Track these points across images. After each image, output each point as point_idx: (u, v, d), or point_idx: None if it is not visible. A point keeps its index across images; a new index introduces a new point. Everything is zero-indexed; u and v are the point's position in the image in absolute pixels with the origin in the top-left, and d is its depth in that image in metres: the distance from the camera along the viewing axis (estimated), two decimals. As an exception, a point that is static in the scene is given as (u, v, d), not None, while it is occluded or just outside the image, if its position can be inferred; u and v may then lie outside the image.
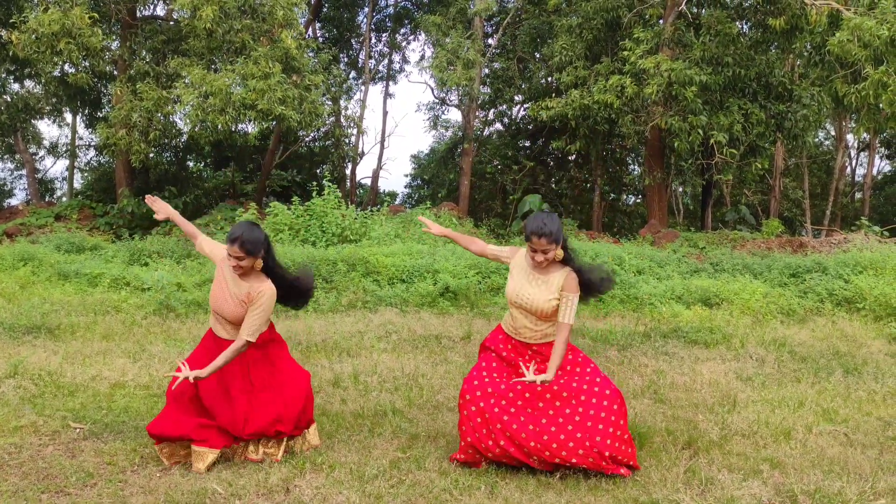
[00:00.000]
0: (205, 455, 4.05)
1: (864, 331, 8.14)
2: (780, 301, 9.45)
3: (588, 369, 4.09)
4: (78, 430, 4.69)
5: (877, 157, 32.22)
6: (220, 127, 14.76)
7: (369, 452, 4.31)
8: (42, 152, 31.73)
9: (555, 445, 3.91)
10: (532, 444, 3.94)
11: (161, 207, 4.54)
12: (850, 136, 30.29)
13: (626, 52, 15.76)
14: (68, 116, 28.28)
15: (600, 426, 3.92)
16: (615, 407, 4.00)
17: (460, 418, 4.12)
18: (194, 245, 4.51)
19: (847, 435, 4.74)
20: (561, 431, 3.94)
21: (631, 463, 4.01)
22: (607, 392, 4.02)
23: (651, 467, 4.10)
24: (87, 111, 22.22)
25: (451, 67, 18.37)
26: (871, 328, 8.37)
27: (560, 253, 3.99)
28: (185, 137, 18.35)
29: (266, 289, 4.19)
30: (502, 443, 3.98)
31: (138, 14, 17.96)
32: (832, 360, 6.79)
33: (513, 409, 4.03)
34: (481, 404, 4.03)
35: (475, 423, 4.02)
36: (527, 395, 4.04)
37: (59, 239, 14.21)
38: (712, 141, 14.88)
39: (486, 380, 4.10)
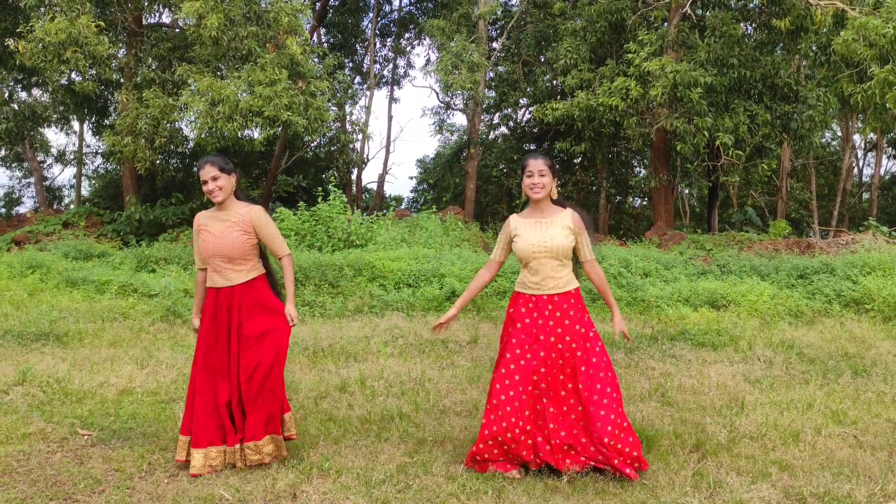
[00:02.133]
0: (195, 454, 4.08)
1: (873, 332, 8.09)
2: (787, 303, 9.41)
3: (597, 348, 4.12)
4: (86, 437, 4.70)
5: (884, 157, 32.10)
6: (227, 134, 14.83)
7: (376, 457, 4.31)
8: (50, 160, 31.95)
9: (571, 440, 4.01)
10: (552, 429, 4.03)
11: None
12: (856, 137, 30.21)
13: (630, 55, 15.75)
14: (76, 124, 28.46)
15: (602, 412, 3.97)
16: (615, 395, 4.05)
17: (487, 408, 4.09)
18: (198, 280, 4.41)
19: (856, 437, 4.71)
20: (573, 427, 4.02)
21: (636, 454, 4.00)
22: (610, 375, 4.07)
23: (659, 471, 4.08)
24: (93, 119, 22.33)
25: (456, 71, 18.39)
26: (880, 329, 8.32)
27: (555, 190, 4.26)
28: (191, 144, 18.42)
29: (255, 208, 4.22)
30: (529, 427, 4.01)
31: (144, 22, 18.06)
32: (841, 362, 6.75)
33: (540, 395, 4.08)
34: (511, 392, 4.05)
35: (504, 412, 4.01)
36: (549, 378, 4.07)
37: (66, 246, 14.29)
38: (718, 143, 14.84)
39: (513, 366, 4.09)
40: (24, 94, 23.76)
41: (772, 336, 7.81)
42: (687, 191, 28.68)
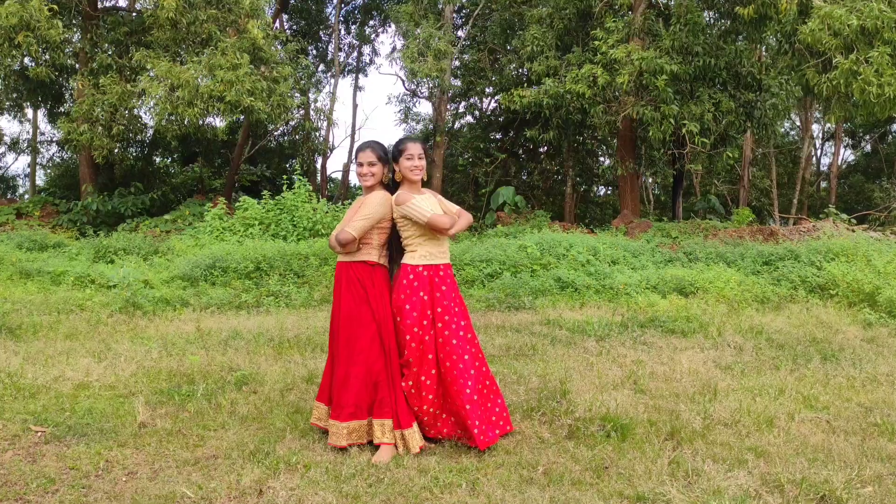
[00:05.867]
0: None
1: (839, 317, 8.17)
2: (754, 289, 9.47)
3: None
4: (39, 434, 4.48)
5: (841, 146, 32.70)
6: (187, 120, 14.46)
7: (346, 450, 4.16)
8: (3, 149, 30.94)
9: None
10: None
11: None
12: (815, 126, 30.72)
13: (597, 42, 15.71)
14: (30, 112, 27.58)
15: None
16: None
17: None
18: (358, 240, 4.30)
19: (829, 422, 4.70)
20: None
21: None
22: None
23: (635, 459, 4.01)
24: (48, 106, 21.65)
25: (423, 58, 18.18)
26: (846, 314, 8.40)
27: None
28: (150, 132, 17.95)
29: (378, 193, 4.27)
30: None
31: (100, 5, 17.50)
32: (809, 347, 6.78)
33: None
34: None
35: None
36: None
37: (20, 237, 13.82)
38: (684, 130, 14.89)
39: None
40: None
41: (740, 322, 7.83)
42: (650, 179, 28.90)
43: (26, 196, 28.77)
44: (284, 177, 14.56)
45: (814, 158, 34.31)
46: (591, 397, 5.15)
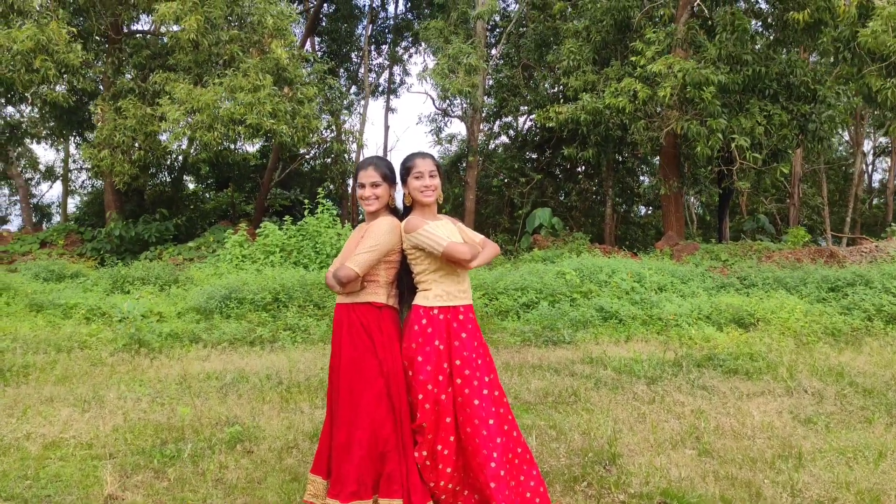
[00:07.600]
0: None
1: (929, 354, 7.11)
2: (822, 319, 8.44)
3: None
4: (-13, 512, 3.76)
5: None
6: (210, 144, 13.93)
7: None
8: (37, 177, 31.09)
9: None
10: None
11: None
12: (867, 142, 29.30)
13: (636, 57, 14.84)
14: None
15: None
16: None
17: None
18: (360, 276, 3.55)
19: (952, 500, 3.74)
20: None
21: None
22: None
23: (711, 558, 3.12)
24: (76, 132, 21.46)
25: (454, 75, 17.49)
26: (935, 350, 7.34)
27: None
28: (176, 157, 17.53)
29: (384, 220, 3.49)
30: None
31: (124, 29, 17.20)
32: (903, 393, 5.77)
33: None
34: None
35: None
36: None
37: (38, 266, 13.36)
38: (733, 146, 13.88)
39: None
40: (10, 109, 22.82)
41: (814, 361, 6.82)
42: (693, 199, 27.71)
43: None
44: (307, 201, 13.89)
45: (865, 175, 32.82)
46: (647, 461, 4.27)
